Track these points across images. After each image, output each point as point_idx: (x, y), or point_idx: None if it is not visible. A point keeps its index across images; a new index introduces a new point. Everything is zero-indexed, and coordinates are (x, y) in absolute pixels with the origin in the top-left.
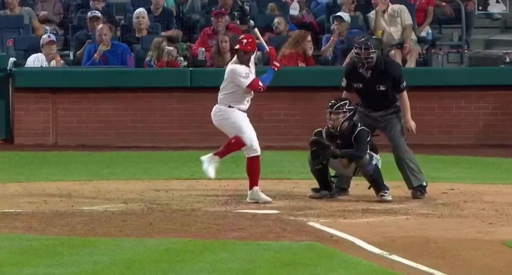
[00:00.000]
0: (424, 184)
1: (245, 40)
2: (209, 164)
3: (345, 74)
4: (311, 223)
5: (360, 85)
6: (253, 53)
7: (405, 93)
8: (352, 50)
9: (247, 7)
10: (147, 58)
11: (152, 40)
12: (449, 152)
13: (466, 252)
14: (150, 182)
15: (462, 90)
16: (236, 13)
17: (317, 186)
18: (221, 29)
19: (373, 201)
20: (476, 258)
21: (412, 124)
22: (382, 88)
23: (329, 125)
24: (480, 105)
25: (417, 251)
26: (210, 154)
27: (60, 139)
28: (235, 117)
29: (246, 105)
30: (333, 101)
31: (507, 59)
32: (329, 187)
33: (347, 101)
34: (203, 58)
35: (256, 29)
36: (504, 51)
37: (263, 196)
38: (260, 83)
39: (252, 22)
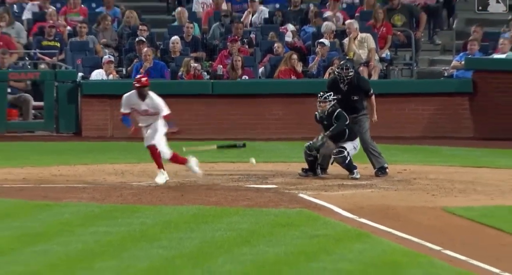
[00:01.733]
0: (385, 165)
1: (143, 79)
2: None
3: (327, 87)
4: (301, 195)
5: (339, 96)
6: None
7: (373, 97)
8: (334, 69)
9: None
10: (180, 73)
11: (183, 60)
12: (403, 142)
13: (415, 216)
14: (179, 165)
15: (412, 96)
16: (245, 40)
17: (305, 166)
18: (235, 51)
19: (346, 178)
20: (423, 220)
21: (376, 118)
22: (355, 98)
23: (319, 111)
24: (425, 107)
25: (380, 215)
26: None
27: (115, 133)
28: None
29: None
30: (321, 93)
31: (445, 74)
32: (314, 171)
33: (331, 93)
34: (221, 73)
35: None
36: (443, 68)
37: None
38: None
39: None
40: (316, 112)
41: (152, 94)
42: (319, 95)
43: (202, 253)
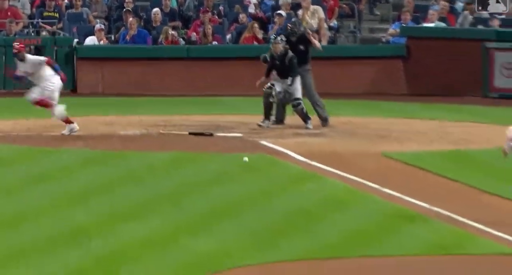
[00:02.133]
0: (328, 117)
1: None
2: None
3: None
4: (262, 142)
5: (288, 47)
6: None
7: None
8: (288, 26)
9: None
10: (159, 39)
11: (162, 28)
12: (348, 97)
13: (358, 160)
14: (162, 117)
15: (355, 59)
16: (215, 11)
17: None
18: (206, 21)
19: (300, 128)
20: (364, 163)
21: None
22: (302, 48)
23: (272, 52)
24: (366, 69)
25: (328, 159)
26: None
27: (105, 90)
28: None
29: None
30: (274, 35)
31: (383, 40)
32: (269, 117)
33: (283, 36)
34: (195, 39)
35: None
36: (381, 35)
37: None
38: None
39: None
40: (265, 55)
41: (29, 56)
42: (272, 37)
43: (179, 192)
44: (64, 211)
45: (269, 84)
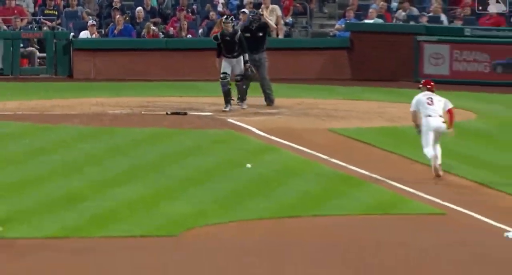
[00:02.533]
0: (274, 99)
1: None
2: None
3: (241, 28)
4: (229, 120)
5: (249, 34)
6: None
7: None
8: (249, 16)
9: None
10: (142, 33)
11: (145, 24)
12: (301, 82)
13: (310, 135)
14: (145, 98)
15: (308, 50)
16: (189, 10)
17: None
18: (182, 17)
19: (260, 108)
20: (315, 137)
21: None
22: (260, 34)
23: (224, 30)
24: (317, 58)
25: (285, 135)
26: None
27: (97, 76)
28: None
29: None
30: (225, 16)
31: (331, 34)
32: (229, 101)
33: (233, 17)
34: (172, 33)
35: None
36: (329, 30)
37: None
38: None
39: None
40: (216, 34)
41: None
42: (223, 18)
43: (159, 162)
44: (61, 179)
45: (222, 74)
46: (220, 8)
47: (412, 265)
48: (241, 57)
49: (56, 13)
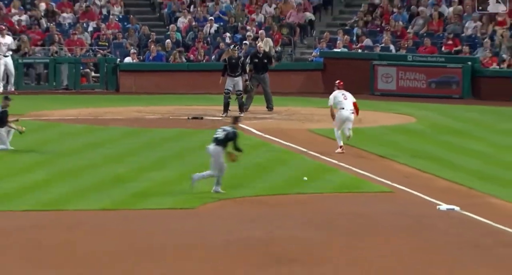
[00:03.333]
0: (273, 106)
1: None
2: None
3: (251, 56)
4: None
5: (256, 60)
6: None
7: (273, 61)
8: (256, 49)
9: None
10: (170, 58)
11: (172, 52)
12: (288, 95)
13: (294, 133)
14: (171, 107)
15: (292, 71)
16: (205, 41)
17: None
18: (199, 47)
19: (258, 114)
20: (297, 135)
21: (273, 65)
22: (265, 61)
23: (231, 55)
24: (299, 77)
25: (275, 133)
26: None
27: (136, 90)
28: None
29: None
30: (233, 45)
31: (309, 60)
32: (227, 111)
33: (238, 45)
34: (192, 59)
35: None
36: (308, 56)
37: None
38: None
39: (201, 117)
40: (225, 58)
41: None
42: (231, 46)
43: (182, 153)
44: (110, 165)
45: (226, 90)
46: (227, 40)
47: (369, 227)
48: (241, 76)
49: (107, 43)
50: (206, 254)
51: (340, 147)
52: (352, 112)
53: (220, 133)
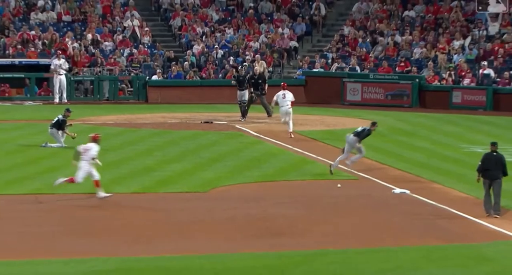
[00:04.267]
0: (272, 113)
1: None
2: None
3: (249, 77)
4: (236, 126)
5: (253, 81)
6: None
7: (266, 84)
8: (252, 73)
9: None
10: (187, 76)
11: (188, 71)
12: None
13: (282, 134)
14: (188, 114)
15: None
16: (214, 63)
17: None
18: (209, 68)
19: (255, 119)
20: (284, 136)
21: (266, 90)
22: (260, 81)
23: (238, 74)
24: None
25: (268, 134)
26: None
27: (161, 101)
28: None
29: None
30: (241, 66)
31: (294, 77)
32: (244, 116)
33: (245, 65)
34: (204, 77)
35: None
36: (293, 75)
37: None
38: None
39: (211, 121)
40: (234, 75)
41: None
42: (240, 66)
43: (196, 149)
44: (141, 158)
45: (238, 101)
46: (231, 62)
47: (340, 206)
48: (247, 90)
49: (138, 65)
50: (214, 227)
51: (290, 133)
52: (289, 107)
53: (359, 129)
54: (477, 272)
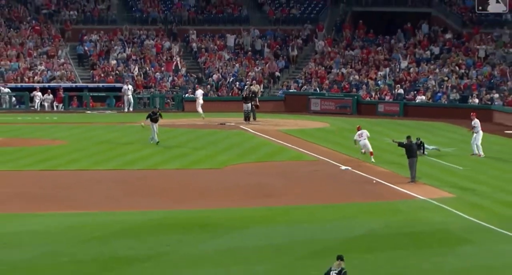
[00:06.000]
0: (254, 119)
1: None
2: None
3: (246, 94)
4: (241, 126)
5: (250, 95)
6: None
7: (257, 98)
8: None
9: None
10: (208, 94)
11: (209, 91)
12: (266, 113)
13: (271, 133)
14: (209, 118)
15: (269, 101)
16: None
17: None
18: (224, 89)
19: (253, 122)
20: (271, 133)
21: (258, 103)
22: (253, 96)
23: (246, 93)
24: (272, 105)
25: (261, 131)
26: None
27: (192, 110)
28: None
29: None
30: (246, 86)
31: (278, 95)
32: (248, 120)
33: (248, 86)
34: (221, 95)
35: None
36: (277, 93)
37: None
38: None
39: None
40: (242, 94)
41: None
42: (246, 86)
43: (214, 142)
44: (177, 148)
45: (244, 111)
46: (237, 85)
47: (306, 177)
48: (250, 103)
49: (178, 87)
50: (224, 192)
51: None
52: (254, 105)
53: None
54: (394, 220)
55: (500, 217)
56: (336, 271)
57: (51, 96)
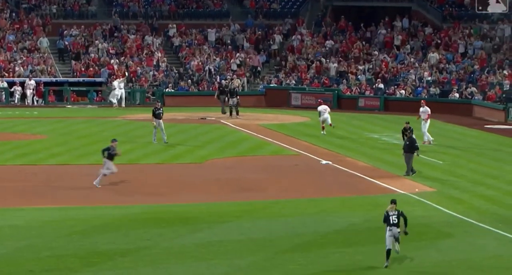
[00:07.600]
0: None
1: None
2: None
3: (228, 89)
4: (221, 121)
5: (231, 89)
6: None
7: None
8: (230, 86)
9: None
10: (190, 89)
11: (190, 86)
12: (248, 107)
13: (252, 126)
14: (191, 113)
15: (251, 95)
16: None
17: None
18: (204, 83)
19: (235, 118)
20: (253, 128)
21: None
22: (236, 90)
23: (225, 85)
24: (254, 99)
25: (242, 126)
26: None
27: (174, 104)
28: None
29: None
30: (227, 80)
31: (258, 89)
32: (231, 114)
33: (233, 79)
34: (201, 89)
35: None
36: (258, 88)
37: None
38: None
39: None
40: (222, 89)
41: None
42: (227, 80)
43: (196, 136)
44: (160, 142)
45: (230, 104)
46: (218, 80)
47: (287, 171)
48: (234, 97)
49: (158, 82)
50: (204, 186)
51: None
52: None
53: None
54: (375, 215)
55: (479, 211)
56: (396, 215)
57: (20, 88)
